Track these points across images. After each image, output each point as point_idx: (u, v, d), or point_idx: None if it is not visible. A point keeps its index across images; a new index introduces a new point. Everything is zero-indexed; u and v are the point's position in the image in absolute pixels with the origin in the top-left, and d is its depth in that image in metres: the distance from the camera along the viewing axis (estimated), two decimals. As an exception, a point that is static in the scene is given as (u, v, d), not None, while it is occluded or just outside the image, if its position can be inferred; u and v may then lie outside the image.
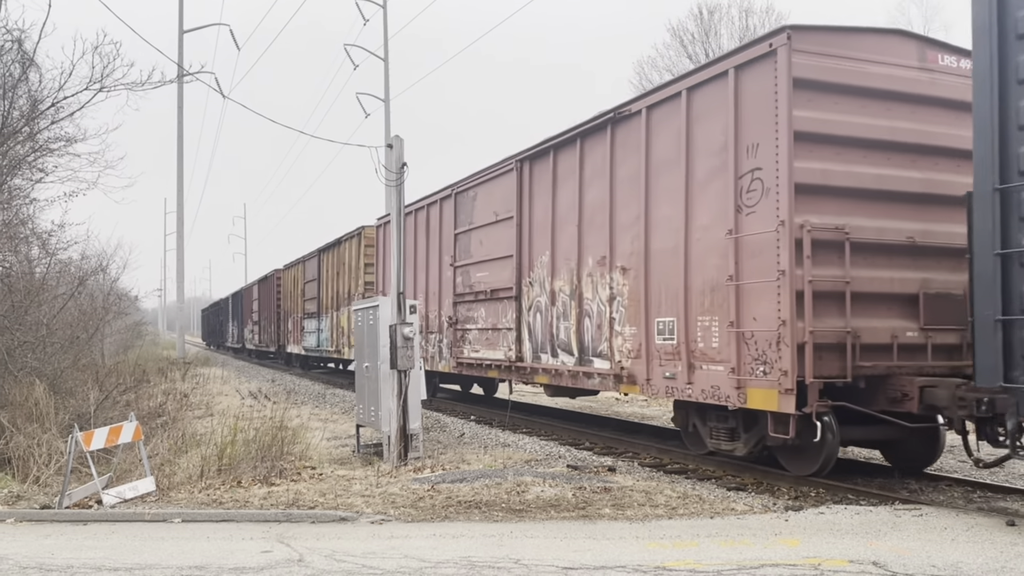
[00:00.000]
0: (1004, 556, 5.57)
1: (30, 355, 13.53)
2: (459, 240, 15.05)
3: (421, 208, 16.76)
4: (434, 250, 16.21)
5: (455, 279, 15.09)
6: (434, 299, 16.26)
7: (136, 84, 14.07)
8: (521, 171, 12.98)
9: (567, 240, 11.75)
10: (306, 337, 28.70)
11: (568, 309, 11.71)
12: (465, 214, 14.84)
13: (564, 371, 11.74)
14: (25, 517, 7.76)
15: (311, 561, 5.81)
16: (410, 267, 16.18)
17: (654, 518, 7.15)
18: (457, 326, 15.13)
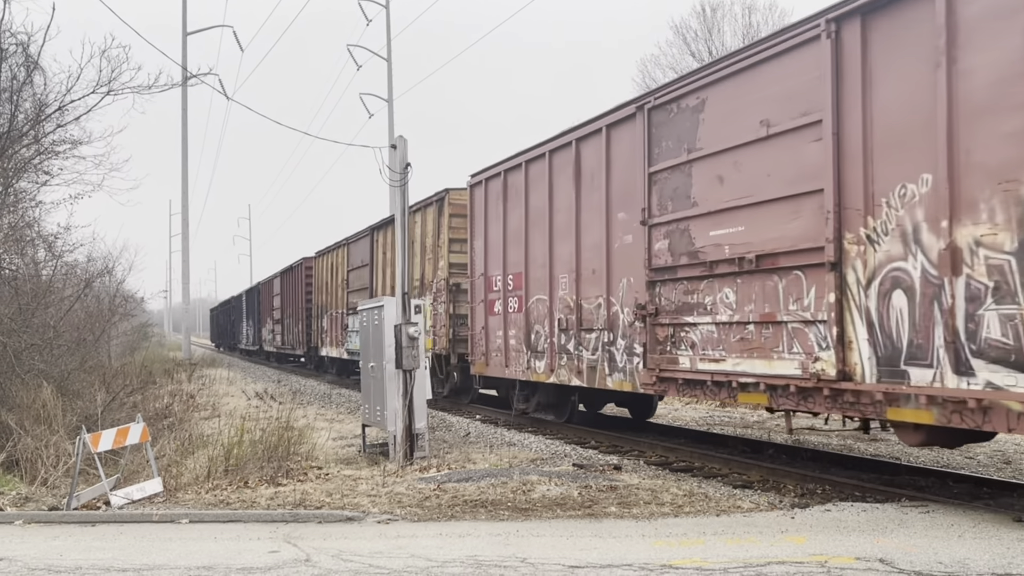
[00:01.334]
0: (1011, 552, 5.56)
1: (37, 357, 13.59)
2: (659, 183, 9.87)
3: (536, 159, 12.60)
4: (563, 210, 11.86)
5: (650, 244, 9.98)
6: (560, 280, 12.00)
7: (143, 87, 14.16)
8: (839, 37, 7.58)
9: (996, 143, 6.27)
10: (350, 338, 23.20)
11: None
12: (675, 138, 9.60)
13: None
14: (33, 519, 7.80)
15: (318, 561, 5.83)
16: (496, 241, 13.78)
17: (660, 516, 7.15)
18: (659, 319, 9.84)
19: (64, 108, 14.34)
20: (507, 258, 13.56)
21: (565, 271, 11.95)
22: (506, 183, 13.57)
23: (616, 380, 10.80)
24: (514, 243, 13.28)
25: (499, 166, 13.76)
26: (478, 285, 14.55)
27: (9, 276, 14.91)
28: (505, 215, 13.54)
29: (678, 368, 9.55)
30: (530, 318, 12.91)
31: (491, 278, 14.09)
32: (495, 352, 14.02)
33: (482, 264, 14.37)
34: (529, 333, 12.91)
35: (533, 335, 12.81)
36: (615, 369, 10.78)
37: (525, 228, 12.87)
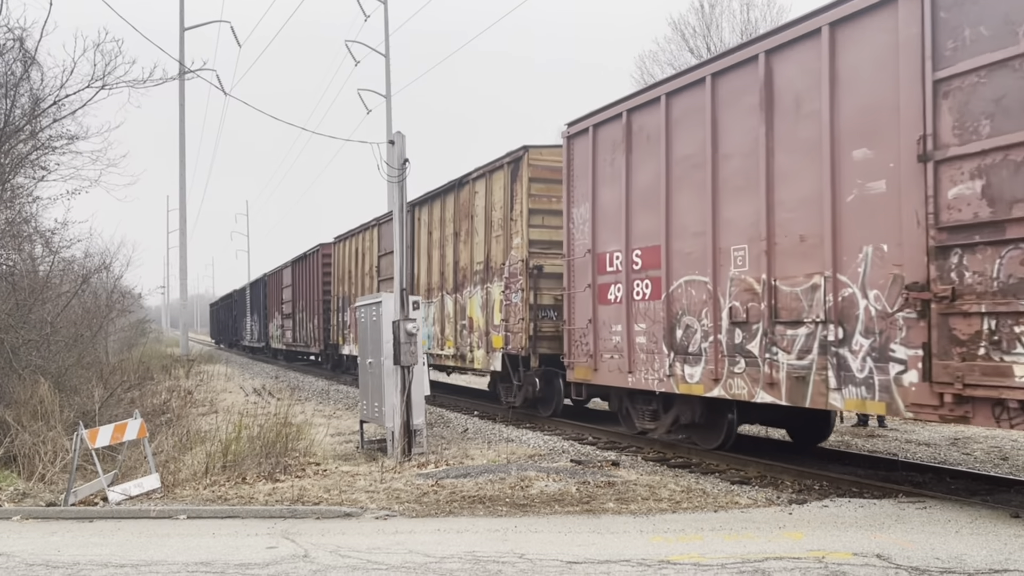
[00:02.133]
0: (1008, 548, 5.57)
1: (35, 353, 13.58)
2: (958, 93, 6.68)
3: (683, 89, 9.60)
4: (738, 156, 8.84)
5: (937, 190, 6.80)
6: (734, 254, 8.89)
7: (138, 81, 14.14)
8: None
9: None
10: None
11: None
12: (997, 18, 6.48)
13: None
14: (31, 514, 7.80)
15: (316, 557, 5.83)
16: (613, 207, 10.76)
17: (658, 512, 7.16)
18: (960, 306, 6.63)
19: (60, 103, 14.32)
20: (631, 228, 10.39)
21: (742, 240, 8.81)
22: (630, 128, 10.37)
23: (852, 397, 7.57)
24: (643, 207, 10.15)
25: (617, 106, 10.64)
26: (581, 266, 11.43)
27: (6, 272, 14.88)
28: (628, 171, 10.38)
29: (1010, 382, 6.24)
30: (673, 308, 9.68)
31: (603, 256, 10.96)
32: (609, 353, 10.78)
33: (587, 238, 11.28)
34: (672, 328, 9.68)
35: (680, 331, 9.57)
36: (849, 381, 7.57)
37: (666, 185, 9.70)
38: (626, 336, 10.48)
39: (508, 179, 13.95)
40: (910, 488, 8.04)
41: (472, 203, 15.32)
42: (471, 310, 15.43)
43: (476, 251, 15.15)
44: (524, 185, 13.52)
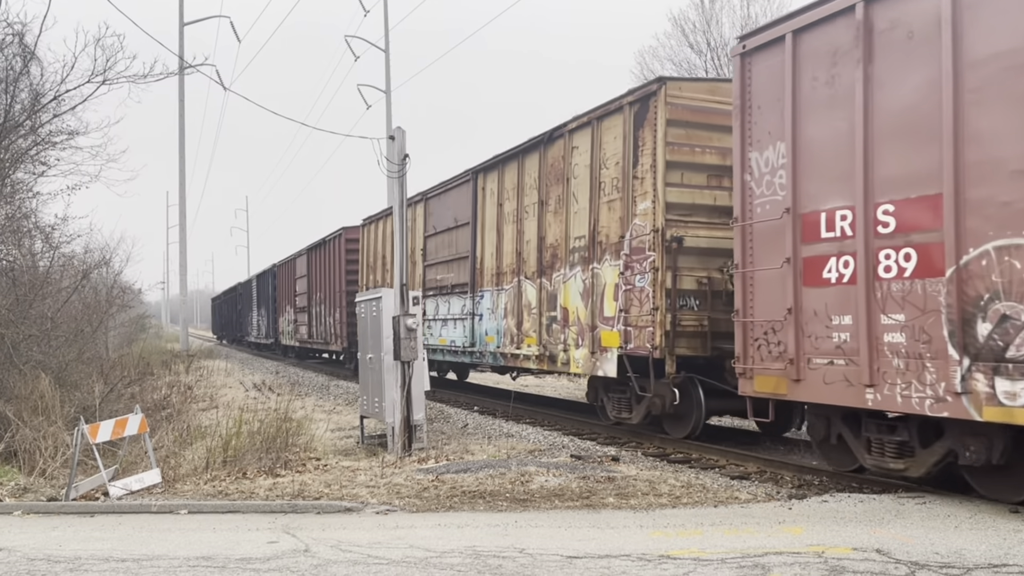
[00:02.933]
0: (1008, 543, 5.59)
1: (35, 348, 13.60)
2: None
3: None
4: None
5: None
6: None
7: (139, 77, 14.13)
8: None
9: None
10: (431, 329, 17.04)
11: None
12: None
13: None
14: (32, 509, 7.81)
15: (317, 551, 5.84)
16: (830, 145, 7.76)
17: (658, 507, 7.17)
18: None
19: (60, 98, 14.31)
20: (873, 172, 7.30)
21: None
22: (869, 25, 7.34)
23: None
24: (900, 139, 7.10)
25: (833, 2, 7.68)
26: (769, 234, 8.39)
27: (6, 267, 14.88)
28: (867, 88, 7.33)
29: None
30: (970, 289, 6.56)
31: (813, 217, 7.91)
32: (826, 357, 7.73)
33: (782, 192, 8.23)
34: (969, 321, 6.55)
35: (988, 325, 6.41)
36: None
37: (952, 101, 6.65)
38: (864, 332, 7.31)
39: (630, 125, 10.85)
40: (910, 484, 8.04)
41: (568, 162, 12.20)
42: (565, 298, 12.19)
43: (574, 223, 11.99)
44: (658, 130, 10.29)
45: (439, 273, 17.01)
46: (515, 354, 13.75)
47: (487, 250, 14.87)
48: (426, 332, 16.33)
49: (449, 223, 16.56)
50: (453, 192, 16.40)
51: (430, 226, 17.54)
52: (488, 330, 14.76)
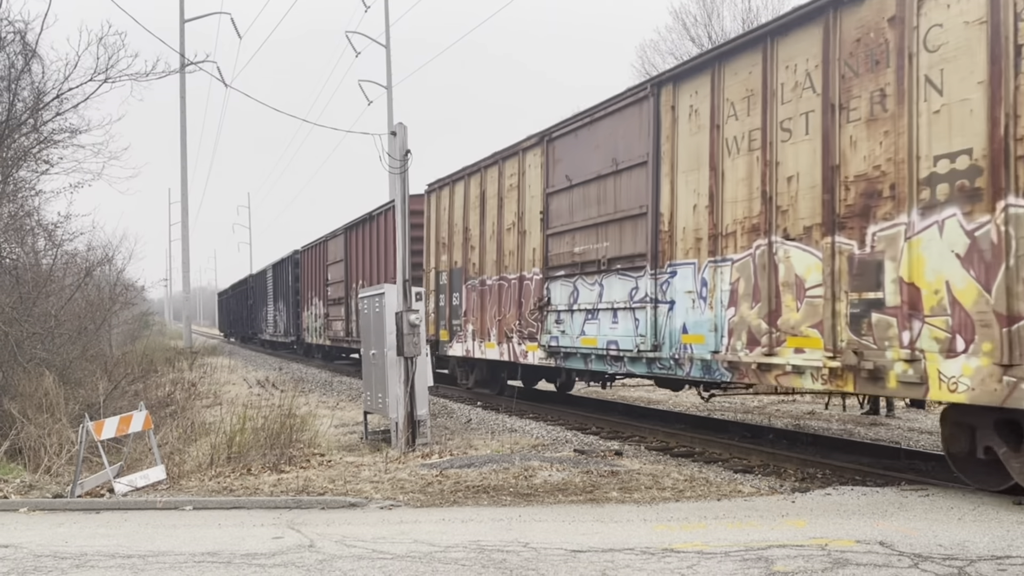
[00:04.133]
0: (1011, 535, 5.59)
1: (39, 346, 13.64)
2: None
3: None
4: None
5: None
6: None
7: (141, 75, 14.15)
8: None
9: None
10: (554, 322, 12.36)
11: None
12: None
13: None
14: (38, 506, 7.85)
15: (322, 547, 5.86)
16: None
17: (661, 501, 7.19)
18: None
19: (62, 96, 14.33)
20: None
21: None
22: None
23: None
24: None
25: None
26: None
27: (10, 265, 14.92)
28: None
29: None
30: None
31: None
32: None
33: None
34: None
35: None
36: None
37: None
38: None
39: None
40: (913, 476, 8.06)
41: (909, 26, 7.13)
42: (912, 268, 7.08)
43: (932, 132, 6.90)
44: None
45: (576, 243, 11.86)
46: (764, 364, 8.57)
47: (684, 202, 9.81)
48: (551, 328, 12.24)
49: (597, 169, 11.30)
50: (606, 122, 11.23)
51: (556, 178, 12.32)
52: (689, 325, 9.64)
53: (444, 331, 16.59)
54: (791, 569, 4.94)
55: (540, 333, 12.70)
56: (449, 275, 16.38)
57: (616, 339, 10.88)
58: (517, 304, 13.51)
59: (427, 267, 17.43)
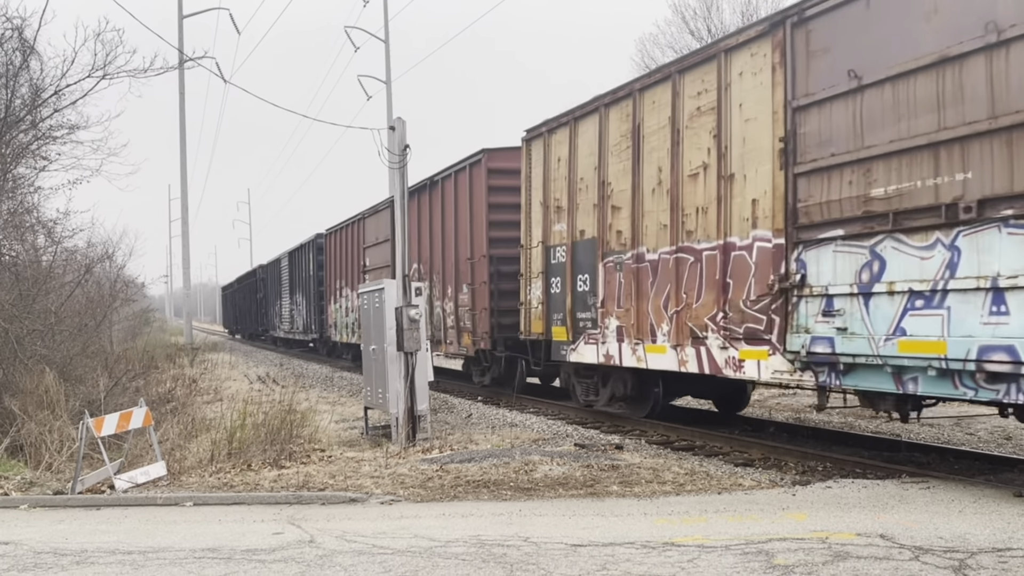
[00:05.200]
0: (1012, 527, 5.58)
1: (39, 343, 13.62)
2: None
3: None
4: None
5: None
6: None
7: (139, 71, 14.12)
8: None
9: None
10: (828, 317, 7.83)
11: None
12: None
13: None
14: (38, 503, 7.85)
15: (322, 542, 5.86)
16: None
17: (662, 495, 7.18)
18: None
19: (60, 92, 14.30)
20: None
21: None
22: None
23: None
24: None
25: None
26: None
27: (9, 262, 14.91)
28: None
29: None
30: None
31: None
32: None
33: None
34: None
35: None
36: None
37: None
38: None
39: None
40: (913, 468, 8.06)
41: None
42: None
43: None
44: None
45: (875, 181, 7.38)
46: None
47: None
48: (812, 324, 7.98)
49: (936, 47, 6.85)
50: None
51: (817, 80, 7.96)
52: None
53: (560, 328, 12.11)
54: (792, 562, 4.93)
55: (785, 332, 8.23)
56: (570, 251, 11.87)
57: (1007, 341, 6.28)
58: (719, 287, 9.14)
59: (528, 242, 12.86)
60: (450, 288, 16.56)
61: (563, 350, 12.10)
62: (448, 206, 16.53)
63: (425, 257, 17.91)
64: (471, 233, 15.32)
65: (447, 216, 16.60)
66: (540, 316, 12.69)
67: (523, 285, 13.21)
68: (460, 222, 15.92)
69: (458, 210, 16.02)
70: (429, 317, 16.44)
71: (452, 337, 16.53)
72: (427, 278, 17.61)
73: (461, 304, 15.92)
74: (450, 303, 16.54)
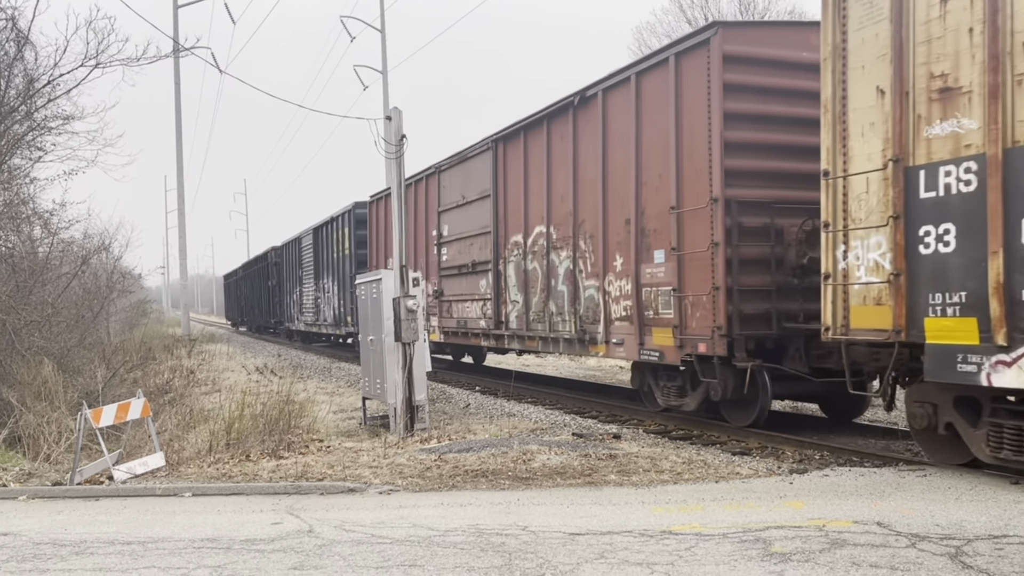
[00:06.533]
0: (1008, 514, 5.61)
1: (36, 334, 13.61)
2: None
3: None
4: None
5: None
6: None
7: (132, 59, 14.03)
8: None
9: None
10: None
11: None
12: None
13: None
14: (37, 494, 7.85)
15: (321, 532, 5.88)
16: None
17: (659, 483, 7.21)
18: None
19: (54, 82, 14.22)
20: None
21: None
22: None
23: None
24: None
25: None
26: None
27: (6, 254, 14.87)
28: None
29: None
30: None
31: None
32: None
33: None
34: None
35: None
36: None
37: None
38: None
39: None
40: (910, 456, 8.09)
41: None
42: None
43: None
44: None
45: None
46: None
47: None
48: None
49: None
50: None
51: None
52: None
53: (956, 322, 6.76)
54: (789, 550, 4.95)
55: None
56: (997, 169, 6.47)
57: None
58: None
59: (841, 165, 7.67)
60: (617, 256, 10.95)
61: (970, 363, 6.63)
62: (614, 134, 11.00)
63: (558, 215, 12.26)
64: (677, 167, 9.77)
65: (611, 148, 11.04)
66: (882, 298, 7.31)
67: (828, 245, 7.78)
68: (647, 153, 10.39)
69: (641, 134, 10.43)
70: (572, 299, 11.86)
71: (625, 332, 10.81)
72: (560, 245, 12.24)
73: (645, 282, 10.40)
74: (612, 280, 11.11)
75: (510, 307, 13.77)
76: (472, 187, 15.01)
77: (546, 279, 12.59)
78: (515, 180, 13.48)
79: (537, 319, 12.91)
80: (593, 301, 11.46)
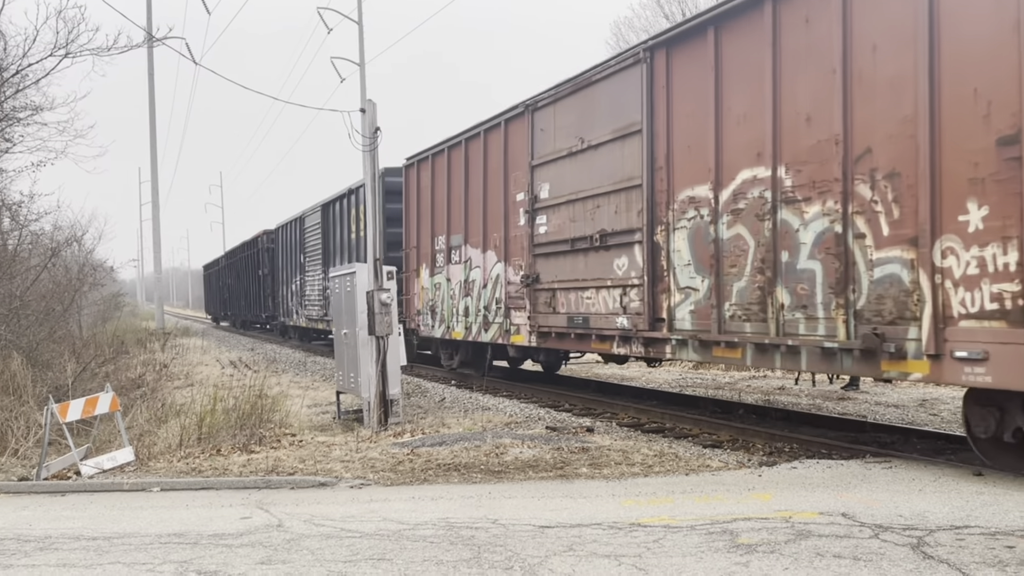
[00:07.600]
0: (970, 505, 5.70)
1: (3, 327, 13.42)
2: None
3: None
4: None
5: None
6: None
7: (102, 49, 13.86)
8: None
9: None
10: None
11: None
12: None
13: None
14: (2, 489, 7.75)
15: (290, 526, 5.85)
16: None
17: (630, 476, 7.25)
18: None
19: (23, 72, 14.00)
20: None
21: None
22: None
23: None
24: None
25: None
26: None
27: (-28, 246, 14.64)
28: None
29: None
30: None
31: None
32: None
33: None
34: None
35: None
36: None
37: None
38: None
39: None
40: (877, 449, 8.20)
41: None
42: None
43: None
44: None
45: None
46: None
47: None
48: None
49: None
50: None
51: None
52: None
53: None
54: (755, 541, 5.00)
55: None
56: None
57: None
58: None
59: None
60: (977, 207, 6.31)
61: None
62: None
63: (800, 147, 7.82)
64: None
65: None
66: None
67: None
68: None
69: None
70: (841, 282, 7.32)
71: (993, 339, 6.25)
72: (805, 196, 7.82)
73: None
74: (957, 248, 6.52)
75: (679, 297, 9.46)
76: (599, 124, 10.71)
77: (768, 251, 8.19)
78: (693, 101, 9.14)
79: (744, 314, 8.56)
80: (897, 285, 7.03)
